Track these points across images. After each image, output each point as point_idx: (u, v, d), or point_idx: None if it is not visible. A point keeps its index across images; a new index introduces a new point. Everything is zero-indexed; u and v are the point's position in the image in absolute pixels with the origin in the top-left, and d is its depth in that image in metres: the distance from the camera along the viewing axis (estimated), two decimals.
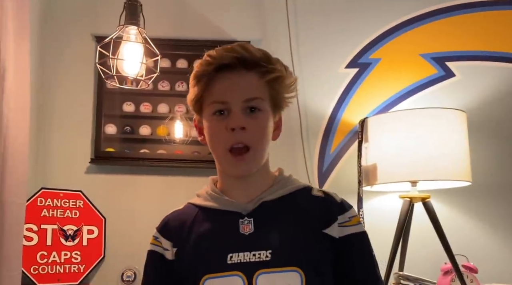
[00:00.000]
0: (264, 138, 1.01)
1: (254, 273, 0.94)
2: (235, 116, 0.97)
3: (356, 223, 1.03)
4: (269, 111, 1.02)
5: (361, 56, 2.37)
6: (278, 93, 1.03)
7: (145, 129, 2.33)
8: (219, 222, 1.02)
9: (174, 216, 1.09)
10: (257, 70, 0.99)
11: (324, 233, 0.99)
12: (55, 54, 2.38)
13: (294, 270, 0.94)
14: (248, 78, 0.99)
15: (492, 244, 2.25)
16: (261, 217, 1.00)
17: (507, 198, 2.26)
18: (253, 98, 0.99)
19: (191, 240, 1.02)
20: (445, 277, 2.08)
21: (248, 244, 0.97)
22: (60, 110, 2.36)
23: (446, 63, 2.34)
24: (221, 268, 0.96)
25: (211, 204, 1.05)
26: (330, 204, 1.03)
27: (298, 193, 1.05)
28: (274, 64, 1.00)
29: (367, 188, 2.12)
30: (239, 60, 0.98)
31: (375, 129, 2.05)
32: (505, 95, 2.32)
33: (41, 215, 2.10)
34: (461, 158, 1.94)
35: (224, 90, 0.99)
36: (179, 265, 1.02)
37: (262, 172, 1.04)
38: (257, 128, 0.99)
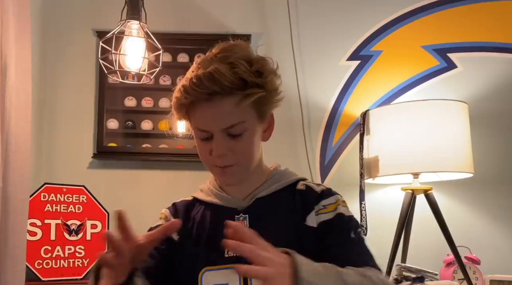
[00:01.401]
0: (250, 155, 1.02)
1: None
2: (217, 143, 0.99)
3: (332, 209, 1.02)
4: (254, 125, 1.01)
5: (363, 48, 2.36)
6: (263, 106, 1.01)
7: (147, 124, 2.33)
8: (218, 217, 1.05)
9: (183, 205, 1.13)
10: (234, 96, 0.96)
11: (305, 226, 1.02)
12: (57, 49, 2.38)
13: None
14: (225, 107, 0.96)
15: (495, 235, 2.25)
16: (255, 214, 1.04)
17: (509, 189, 2.26)
18: (231, 126, 0.98)
19: (193, 233, 1.07)
20: (447, 268, 2.09)
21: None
22: (62, 105, 2.37)
23: (448, 54, 2.33)
24: (219, 262, 1.00)
25: (212, 199, 1.09)
26: (308, 196, 1.05)
27: (288, 188, 1.08)
28: (252, 87, 0.96)
29: (369, 180, 2.12)
30: (210, 94, 0.95)
31: (377, 121, 2.05)
32: (507, 86, 2.32)
33: (45, 210, 2.10)
34: (463, 149, 1.94)
35: (204, 119, 0.99)
36: (177, 255, 1.06)
37: (256, 170, 1.07)
38: (241, 150, 1.00)
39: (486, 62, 2.33)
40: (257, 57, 1.01)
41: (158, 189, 2.33)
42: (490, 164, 2.25)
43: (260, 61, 1.00)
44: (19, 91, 1.56)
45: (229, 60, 0.96)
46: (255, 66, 0.98)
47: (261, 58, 1.01)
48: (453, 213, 2.19)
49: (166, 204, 2.48)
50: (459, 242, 2.00)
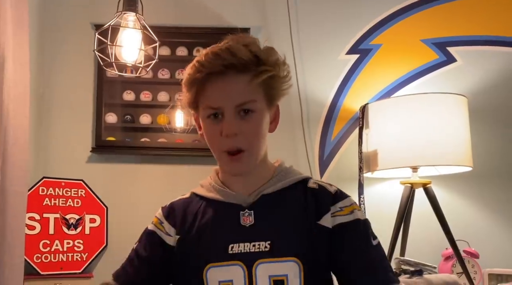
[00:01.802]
0: (258, 139, 1.02)
1: (254, 262, 0.98)
2: (228, 122, 0.99)
3: (348, 212, 1.03)
4: (263, 109, 1.02)
5: (362, 42, 2.36)
6: (272, 89, 1.03)
7: (146, 118, 2.33)
8: (221, 214, 1.04)
9: (180, 203, 1.11)
10: (248, 73, 0.98)
11: (319, 225, 1.01)
12: (55, 43, 2.37)
13: (292, 260, 0.97)
14: (239, 82, 0.98)
15: (493, 229, 2.25)
16: (261, 210, 1.02)
17: (508, 183, 2.27)
18: (245, 102, 0.99)
19: (194, 230, 1.05)
20: (446, 262, 2.09)
21: (248, 235, 1.00)
22: (61, 99, 2.36)
23: (447, 48, 2.33)
24: (223, 258, 0.99)
25: (214, 195, 1.07)
26: (323, 195, 1.04)
27: (296, 186, 1.07)
28: (265, 64, 0.99)
29: (368, 174, 2.12)
30: (227, 67, 0.97)
31: (376, 115, 2.05)
32: (506, 79, 2.31)
33: (43, 204, 2.11)
34: (462, 143, 1.94)
35: (216, 95, 0.99)
36: (181, 253, 1.05)
37: (261, 165, 1.06)
38: (251, 131, 1.00)
39: (485, 56, 2.32)
40: (268, 46, 1.04)
41: (156, 183, 2.32)
42: (489, 158, 2.25)
43: (269, 47, 1.03)
44: (16, 84, 1.55)
45: (243, 42, 1.00)
46: (265, 49, 1.01)
47: (269, 46, 1.04)
48: (452, 207, 2.19)
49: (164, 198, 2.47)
50: (458, 236, 2.00)
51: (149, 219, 2.53)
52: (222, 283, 0.99)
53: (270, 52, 1.01)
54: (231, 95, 0.98)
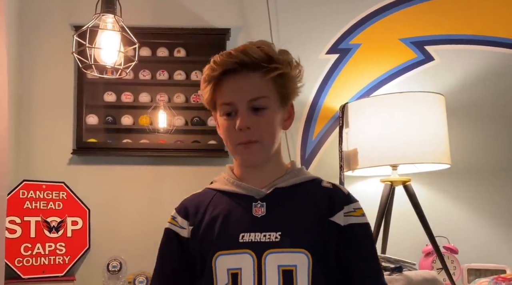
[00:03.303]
0: (271, 133, 1.07)
1: (264, 252, 1.01)
2: (241, 117, 1.04)
3: (360, 214, 1.09)
4: (276, 106, 1.07)
5: (341, 41, 2.38)
6: (285, 87, 1.08)
7: (127, 119, 2.32)
8: (233, 204, 1.08)
9: (192, 198, 1.16)
10: (259, 71, 1.04)
11: (330, 221, 1.05)
12: (34, 45, 2.35)
13: (301, 252, 1.01)
14: (252, 79, 1.04)
15: (472, 225, 2.29)
16: (273, 202, 1.06)
17: (485, 180, 2.30)
18: (257, 98, 1.04)
19: (206, 220, 1.08)
20: (426, 258, 2.12)
21: (260, 225, 1.03)
22: (41, 101, 2.34)
23: (425, 47, 2.36)
24: (233, 246, 1.02)
25: (227, 187, 1.12)
26: (337, 194, 1.10)
27: (309, 183, 1.11)
28: (276, 62, 1.04)
29: (349, 173, 2.14)
30: (239, 64, 1.04)
31: (355, 114, 2.07)
32: (483, 78, 2.35)
33: (24, 207, 2.09)
34: (440, 141, 1.97)
35: (230, 92, 1.06)
36: (194, 242, 1.08)
37: (275, 161, 1.11)
38: (263, 126, 1.05)
39: (463, 55, 2.35)
40: (281, 49, 1.10)
41: (138, 184, 2.32)
42: (466, 155, 2.28)
43: (283, 50, 1.09)
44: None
45: (257, 44, 1.06)
46: (278, 51, 1.08)
47: (284, 49, 1.10)
48: (432, 204, 2.21)
49: (147, 199, 2.47)
50: (438, 232, 2.03)
51: (132, 221, 2.53)
52: (231, 271, 1.02)
53: (282, 53, 1.08)
54: (243, 91, 1.05)
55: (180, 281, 1.11)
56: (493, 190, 2.30)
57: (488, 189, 2.30)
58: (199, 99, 2.31)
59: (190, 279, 1.10)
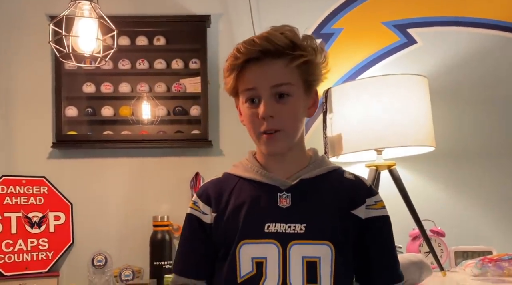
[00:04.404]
0: (294, 121, 1.06)
1: (289, 243, 1.02)
2: (264, 104, 1.03)
3: (381, 207, 1.10)
4: (300, 94, 1.06)
5: (323, 26, 2.35)
6: (309, 75, 1.07)
7: (107, 110, 2.27)
8: (258, 194, 1.08)
9: (213, 183, 1.15)
10: (284, 58, 1.03)
11: (352, 214, 1.06)
12: (9, 36, 2.30)
13: (325, 244, 1.02)
14: (275, 66, 1.03)
15: (458, 207, 2.29)
16: (299, 193, 1.06)
17: (470, 162, 2.30)
18: (280, 84, 1.03)
19: (230, 207, 1.08)
20: (413, 242, 2.12)
21: (285, 216, 1.04)
22: (18, 94, 2.30)
23: (407, 30, 2.34)
24: (259, 235, 1.03)
25: (251, 175, 1.10)
26: (360, 187, 1.10)
27: (332, 174, 1.12)
28: (301, 49, 1.03)
29: (333, 159, 2.12)
30: (263, 53, 1.02)
31: (339, 99, 2.04)
32: (466, 59, 2.33)
33: (4, 203, 2.05)
34: (424, 123, 1.95)
35: (253, 78, 1.05)
36: (217, 229, 1.08)
37: (298, 150, 1.11)
38: (286, 114, 1.04)
39: (445, 37, 2.33)
40: (304, 34, 1.08)
41: (121, 177, 2.28)
42: (450, 137, 2.27)
43: (307, 35, 1.07)
44: None
45: (281, 30, 1.05)
46: (303, 36, 1.06)
47: (309, 34, 1.08)
48: (417, 188, 2.21)
49: (131, 192, 2.44)
50: (424, 216, 2.03)
51: (116, 214, 2.50)
52: (255, 260, 1.02)
53: (307, 39, 1.06)
54: (266, 77, 1.03)
55: (202, 265, 1.12)
56: (478, 172, 2.30)
57: (473, 171, 2.30)
58: (180, 88, 2.27)
59: (212, 263, 1.11)
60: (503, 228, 2.27)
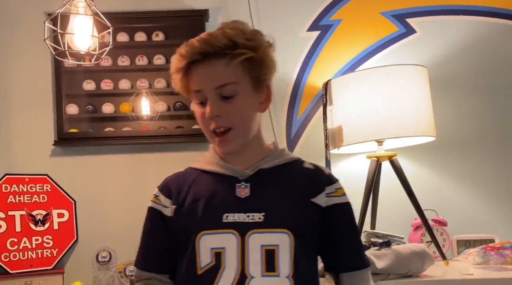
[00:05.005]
0: (244, 119, 1.07)
1: (247, 232, 1.03)
2: (210, 105, 1.05)
3: (342, 194, 1.11)
4: (248, 91, 1.06)
5: (322, 18, 2.34)
6: (256, 71, 1.07)
7: (108, 107, 2.27)
8: (217, 185, 1.09)
9: (175, 176, 1.17)
10: (224, 58, 1.03)
11: (312, 202, 1.08)
12: (8, 35, 2.30)
13: (283, 232, 1.03)
14: (217, 67, 1.04)
15: (459, 196, 2.29)
16: (257, 183, 1.08)
17: (471, 151, 2.29)
18: (224, 85, 1.04)
19: (189, 199, 1.09)
20: (415, 232, 2.12)
21: (244, 206, 1.05)
22: (19, 93, 2.30)
23: (406, 19, 2.33)
24: (217, 226, 1.04)
25: (211, 167, 1.12)
26: (319, 176, 1.12)
27: (291, 164, 1.13)
28: (242, 48, 1.03)
29: (335, 151, 2.13)
30: (203, 55, 1.03)
31: (339, 91, 2.04)
32: (466, 48, 2.32)
33: (7, 201, 2.06)
34: (424, 113, 1.95)
35: (198, 80, 1.06)
36: (177, 221, 1.10)
37: (256, 144, 1.12)
38: (233, 113, 1.05)
39: (444, 26, 2.32)
40: (251, 29, 1.09)
41: (123, 173, 2.29)
42: (451, 127, 2.27)
43: (253, 31, 1.08)
44: None
45: (225, 28, 1.06)
46: (247, 33, 1.06)
47: (255, 30, 1.10)
48: (418, 178, 2.21)
49: (133, 188, 2.44)
50: (426, 206, 2.02)
51: (119, 209, 2.50)
52: (214, 250, 1.03)
53: (253, 35, 1.06)
54: (210, 78, 1.04)
55: (165, 258, 1.12)
56: (479, 161, 2.29)
57: (474, 160, 2.29)
58: None
59: (174, 256, 1.11)
60: (505, 216, 2.28)
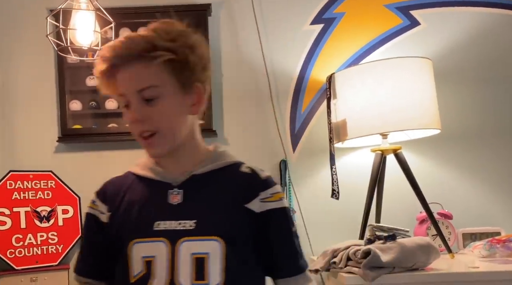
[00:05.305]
0: (170, 122, 1.03)
1: (178, 240, 1.00)
2: (133, 108, 1.02)
3: (278, 199, 1.08)
4: (172, 93, 1.03)
5: (325, 11, 2.32)
6: (179, 73, 1.03)
7: (111, 103, 2.27)
8: (150, 191, 1.07)
9: (112, 181, 1.15)
10: (144, 61, 1.00)
11: (245, 208, 1.05)
12: (10, 31, 2.30)
13: (214, 239, 1.00)
14: (138, 70, 1.01)
15: (465, 189, 2.27)
16: (190, 189, 1.05)
17: (476, 143, 2.28)
18: (145, 88, 1.01)
19: (123, 206, 1.07)
20: (421, 226, 2.11)
21: (175, 213, 1.03)
22: (22, 90, 2.30)
23: (410, 11, 2.31)
24: (148, 234, 1.01)
25: (145, 173, 1.10)
26: (253, 180, 1.08)
27: (228, 169, 1.10)
28: (160, 50, 0.99)
29: (339, 144, 2.11)
30: (122, 59, 1.01)
31: (342, 84, 2.03)
32: (470, 39, 2.30)
33: (12, 198, 2.06)
34: (429, 106, 1.94)
35: (120, 84, 1.03)
36: (111, 228, 1.07)
37: (191, 147, 1.09)
38: (157, 116, 1.02)
39: (448, 17, 2.30)
40: (178, 29, 1.04)
41: (128, 168, 2.27)
42: (456, 119, 2.25)
43: (179, 31, 1.04)
44: None
45: (148, 29, 1.03)
46: (170, 34, 1.02)
47: (183, 30, 1.04)
48: (423, 171, 2.20)
49: None
50: (431, 199, 2.02)
51: None
52: (145, 259, 1.00)
53: (174, 37, 1.02)
54: (131, 82, 1.01)
55: (101, 265, 1.11)
56: (484, 154, 2.28)
57: (479, 153, 2.28)
58: None
59: (113, 263, 1.08)
60: (511, 208, 2.26)
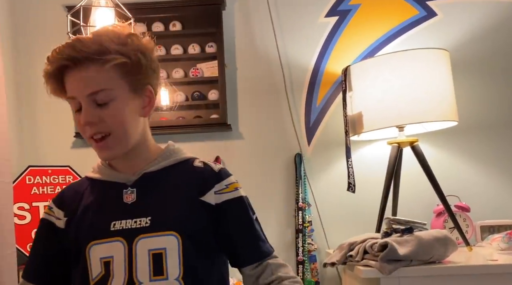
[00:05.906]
0: (122, 124, 1.03)
1: (134, 238, 1.01)
2: (84, 111, 1.01)
3: (233, 189, 1.09)
4: (124, 96, 1.03)
5: (340, 3, 2.30)
6: (131, 76, 1.03)
7: None
8: (104, 193, 1.08)
9: (69, 187, 1.16)
10: (95, 64, 0.99)
11: (201, 201, 1.06)
12: (29, 28, 2.33)
13: (171, 234, 1.01)
14: (88, 73, 0.99)
15: (483, 181, 2.25)
16: (143, 187, 1.07)
17: (494, 135, 2.25)
18: (95, 92, 1.00)
19: (79, 210, 1.08)
20: (438, 218, 2.10)
21: (130, 212, 1.04)
22: (40, 86, 2.29)
23: (427, 2, 2.27)
24: (104, 235, 1.02)
25: (98, 176, 1.12)
26: (207, 173, 1.10)
27: (181, 165, 1.11)
28: (112, 53, 0.99)
29: (355, 137, 2.10)
30: (72, 61, 0.99)
31: (358, 76, 2.02)
32: (488, 30, 2.27)
33: (31, 193, 2.09)
34: (446, 98, 1.92)
35: (71, 87, 1.02)
36: (69, 233, 1.08)
37: (142, 148, 1.09)
38: (109, 119, 1.01)
39: (465, 7, 2.27)
40: (127, 33, 1.03)
41: None
42: (473, 110, 2.23)
43: (128, 35, 1.03)
44: None
45: (95, 33, 1.03)
46: (121, 38, 1.02)
47: (132, 33, 1.05)
48: (440, 163, 2.18)
49: None
50: (448, 191, 2.00)
51: None
52: (103, 260, 1.01)
53: (124, 41, 1.02)
54: (82, 85, 1.00)
55: (50, 271, 1.10)
56: (502, 145, 2.25)
57: (496, 145, 2.25)
58: (198, 72, 2.27)
59: (62, 270, 1.09)
60: None
